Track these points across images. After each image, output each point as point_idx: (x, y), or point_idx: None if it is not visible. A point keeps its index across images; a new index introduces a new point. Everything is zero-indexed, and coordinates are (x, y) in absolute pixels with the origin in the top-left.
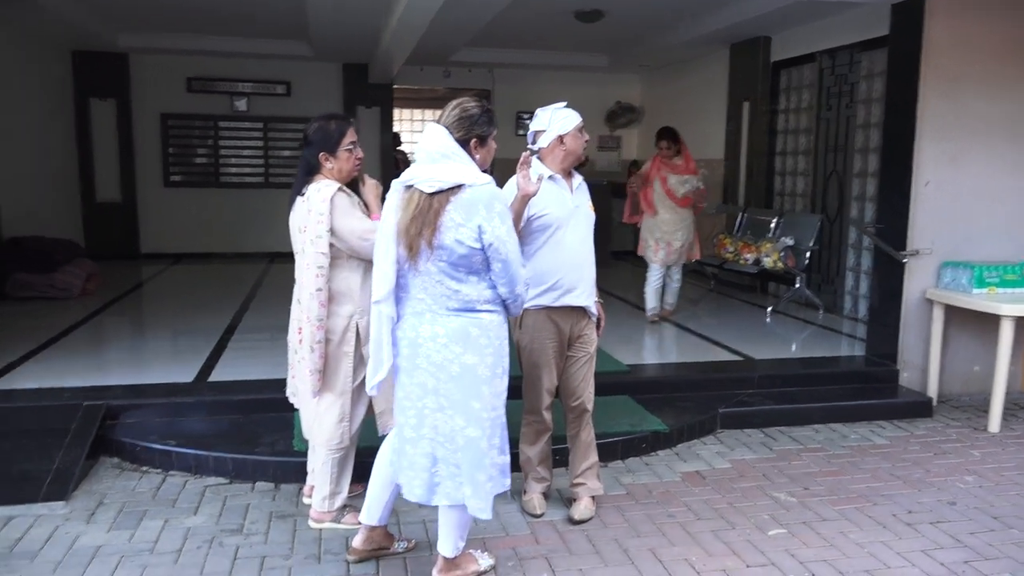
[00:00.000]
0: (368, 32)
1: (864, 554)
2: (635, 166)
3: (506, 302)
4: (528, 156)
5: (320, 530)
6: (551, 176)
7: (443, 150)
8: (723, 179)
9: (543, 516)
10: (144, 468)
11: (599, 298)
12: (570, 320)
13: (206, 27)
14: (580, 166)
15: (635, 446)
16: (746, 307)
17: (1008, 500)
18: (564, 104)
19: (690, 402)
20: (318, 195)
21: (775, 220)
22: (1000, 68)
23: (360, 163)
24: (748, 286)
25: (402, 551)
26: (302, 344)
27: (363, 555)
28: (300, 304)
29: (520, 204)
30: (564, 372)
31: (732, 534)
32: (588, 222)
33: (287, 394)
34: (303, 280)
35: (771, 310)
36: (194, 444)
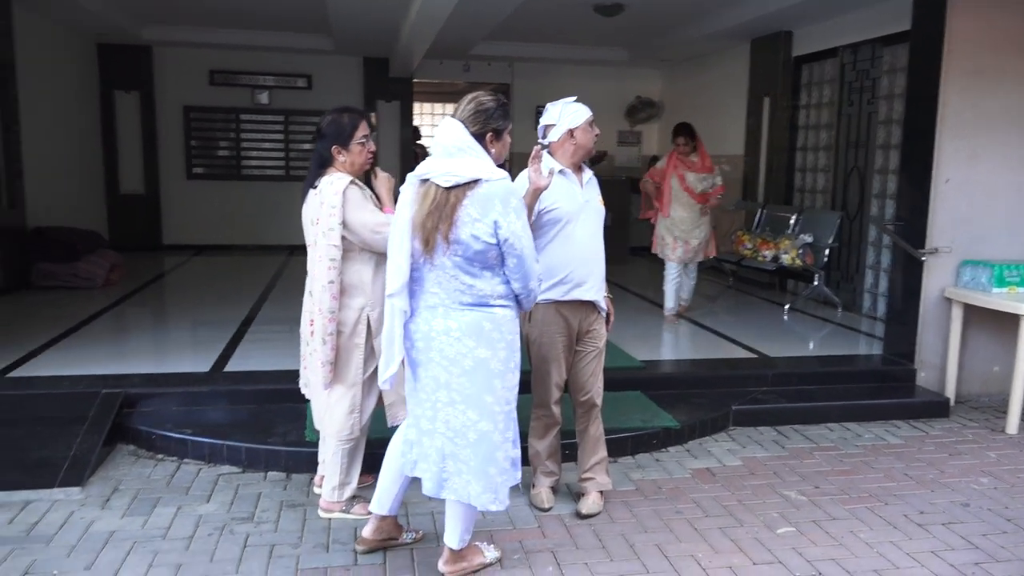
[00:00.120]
0: (388, 25)
1: (873, 554)
2: (653, 163)
3: (519, 297)
4: (539, 150)
5: (329, 520)
6: (561, 170)
7: (459, 144)
8: (743, 175)
9: (551, 510)
10: (159, 456)
11: (609, 293)
12: (579, 314)
13: (229, 20)
14: (598, 161)
15: (646, 442)
16: (764, 304)
17: (1023, 502)
18: (574, 98)
19: (703, 399)
20: (330, 188)
21: (795, 217)
22: (1023, 64)
23: (372, 157)
24: (767, 283)
25: (410, 542)
26: (314, 336)
27: (372, 545)
28: (312, 296)
29: (531, 198)
30: (573, 367)
31: (740, 531)
32: (598, 217)
33: (299, 385)
34: (315, 272)
35: (788, 308)
36: (209, 433)
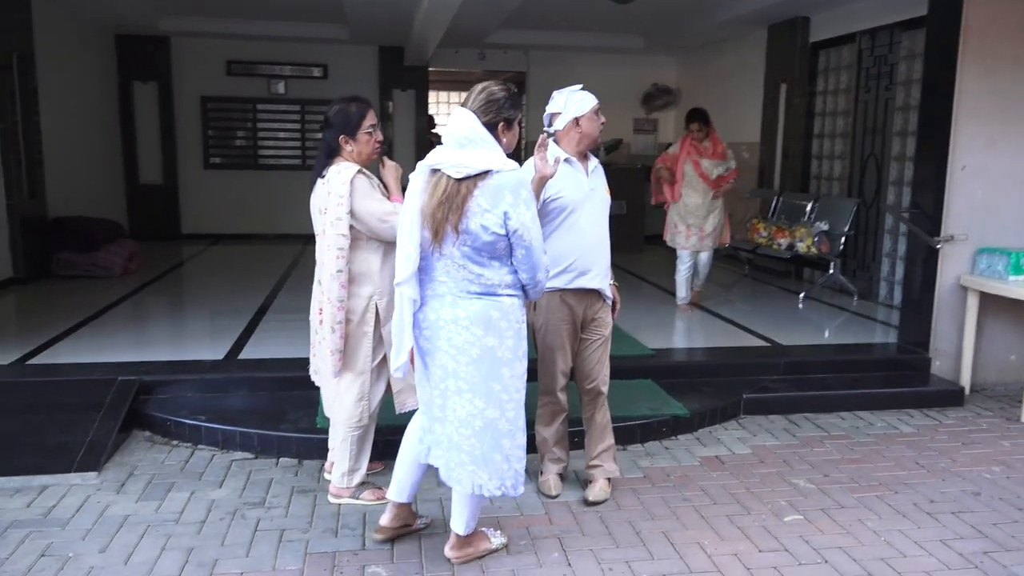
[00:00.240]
0: (403, 13)
1: (880, 542)
2: (666, 149)
3: (526, 288)
4: (545, 138)
5: (339, 505)
6: (567, 159)
7: (471, 135)
8: (759, 162)
9: (558, 497)
10: (174, 442)
11: (614, 281)
12: (584, 302)
13: (245, 11)
14: (614, 148)
15: (655, 430)
16: (779, 293)
17: None
18: (580, 86)
19: (714, 387)
20: (338, 177)
21: (811, 204)
22: None
23: (380, 146)
24: (783, 271)
25: (423, 527)
26: (323, 324)
27: (390, 533)
28: (321, 285)
29: (537, 186)
30: (579, 355)
31: (747, 519)
32: (603, 205)
33: (309, 372)
34: (324, 261)
35: (804, 296)
36: (222, 420)
